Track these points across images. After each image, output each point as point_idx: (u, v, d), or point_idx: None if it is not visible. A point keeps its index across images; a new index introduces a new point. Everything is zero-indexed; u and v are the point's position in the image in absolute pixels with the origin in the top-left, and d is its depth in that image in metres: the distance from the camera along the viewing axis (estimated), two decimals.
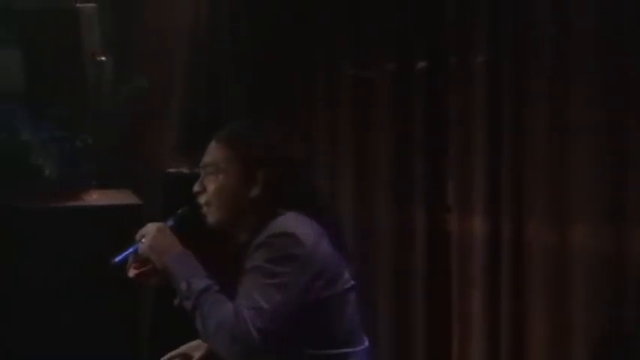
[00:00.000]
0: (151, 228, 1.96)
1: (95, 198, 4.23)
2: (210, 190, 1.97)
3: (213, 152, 2.01)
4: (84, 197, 4.18)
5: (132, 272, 1.96)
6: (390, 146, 3.39)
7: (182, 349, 2.12)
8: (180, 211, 2.04)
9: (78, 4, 4.51)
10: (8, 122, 5.14)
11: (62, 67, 4.46)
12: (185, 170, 4.27)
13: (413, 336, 3.21)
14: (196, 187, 2.01)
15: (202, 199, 2.00)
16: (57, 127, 4.56)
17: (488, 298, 3.04)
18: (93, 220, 3.87)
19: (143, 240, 1.96)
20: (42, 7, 4.67)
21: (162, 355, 2.17)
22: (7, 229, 3.51)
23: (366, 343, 1.92)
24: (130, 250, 1.98)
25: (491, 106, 3.10)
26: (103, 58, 4.51)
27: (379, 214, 3.39)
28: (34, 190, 4.01)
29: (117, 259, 1.99)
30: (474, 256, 3.12)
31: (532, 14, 3.01)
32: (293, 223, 1.85)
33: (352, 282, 1.93)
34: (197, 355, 2.07)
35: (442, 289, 3.19)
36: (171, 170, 4.28)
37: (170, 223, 2.01)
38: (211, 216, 1.98)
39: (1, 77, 5.40)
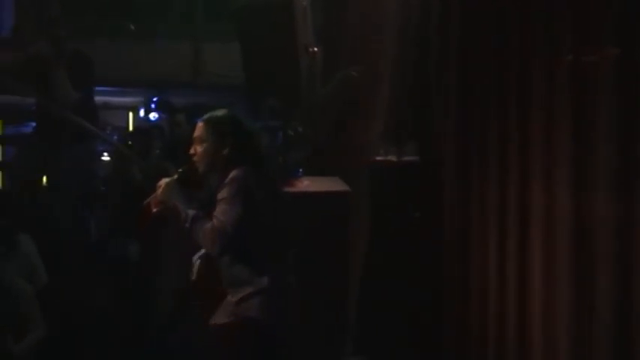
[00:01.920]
0: (164, 181, 3.11)
1: (306, 184, 4.40)
2: (199, 152, 3.11)
3: (199, 129, 3.13)
4: (296, 184, 4.35)
5: (154, 209, 3.13)
6: (612, 134, 3.19)
7: None
8: (182, 168, 3.14)
9: None
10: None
11: (278, 59, 4.67)
12: (392, 158, 4.32)
13: (636, 331, 3.00)
14: (191, 151, 3.12)
15: (195, 159, 3.12)
16: (271, 117, 4.79)
17: None
18: (304, 206, 4.03)
19: (159, 189, 3.12)
20: (260, 2, 4.91)
21: None
22: None
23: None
24: (153, 195, 3.14)
25: None
26: (315, 50, 4.67)
27: (600, 205, 3.21)
28: None
29: (145, 201, 3.15)
30: None
31: None
32: (243, 174, 3.02)
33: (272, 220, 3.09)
34: None
35: None
36: (379, 158, 4.34)
37: (176, 175, 3.13)
38: (200, 168, 3.12)
39: (223, 69, 5.77)
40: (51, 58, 5.09)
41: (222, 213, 2.97)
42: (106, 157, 6.05)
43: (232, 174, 3.01)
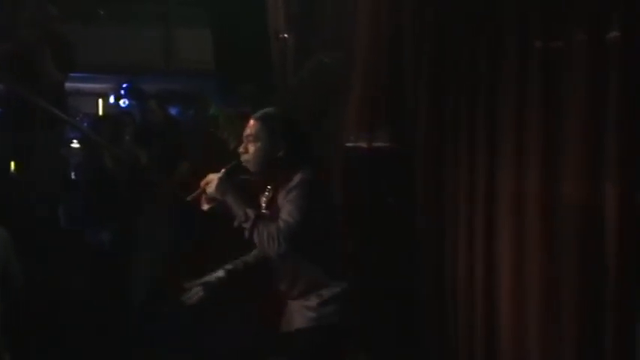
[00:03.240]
0: (213, 176, 2.92)
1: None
2: (251, 152, 2.97)
3: (253, 127, 2.98)
4: None
5: (205, 206, 2.95)
6: (581, 122, 3.23)
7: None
8: (231, 165, 2.97)
9: None
10: (201, 98, 5.47)
11: (249, 45, 4.66)
12: (363, 145, 4.33)
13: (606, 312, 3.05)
14: (241, 149, 2.98)
15: (245, 157, 2.97)
16: (243, 103, 4.77)
17: None
18: None
19: (209, 184, 2.93)
20: None
21: None
22: None
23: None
24: (198, 191, 2.97)
25: None
26: (286, 36, 4.66)
27: (568, 191, 3.25)
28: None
29: (189, 197, 2.98)
30: None
31: None
32: (310, 177, 2.91)
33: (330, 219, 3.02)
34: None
35: (633, 269, 3.02)
36: (350, 145, 4.34)
37: (226, 171, 2.96)
38: (252, 168, 2.98)
39: (195, 55, 5.74)
40: (37, 42, 5.03)
41: (288, 214, 2.84)
42: (75, 144, 6.00)
43: (299, 177, 2.89)
